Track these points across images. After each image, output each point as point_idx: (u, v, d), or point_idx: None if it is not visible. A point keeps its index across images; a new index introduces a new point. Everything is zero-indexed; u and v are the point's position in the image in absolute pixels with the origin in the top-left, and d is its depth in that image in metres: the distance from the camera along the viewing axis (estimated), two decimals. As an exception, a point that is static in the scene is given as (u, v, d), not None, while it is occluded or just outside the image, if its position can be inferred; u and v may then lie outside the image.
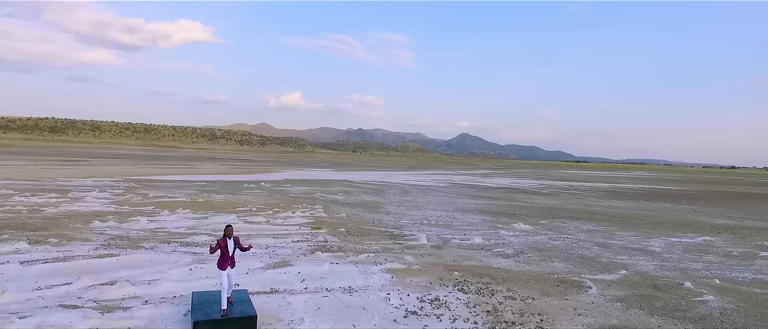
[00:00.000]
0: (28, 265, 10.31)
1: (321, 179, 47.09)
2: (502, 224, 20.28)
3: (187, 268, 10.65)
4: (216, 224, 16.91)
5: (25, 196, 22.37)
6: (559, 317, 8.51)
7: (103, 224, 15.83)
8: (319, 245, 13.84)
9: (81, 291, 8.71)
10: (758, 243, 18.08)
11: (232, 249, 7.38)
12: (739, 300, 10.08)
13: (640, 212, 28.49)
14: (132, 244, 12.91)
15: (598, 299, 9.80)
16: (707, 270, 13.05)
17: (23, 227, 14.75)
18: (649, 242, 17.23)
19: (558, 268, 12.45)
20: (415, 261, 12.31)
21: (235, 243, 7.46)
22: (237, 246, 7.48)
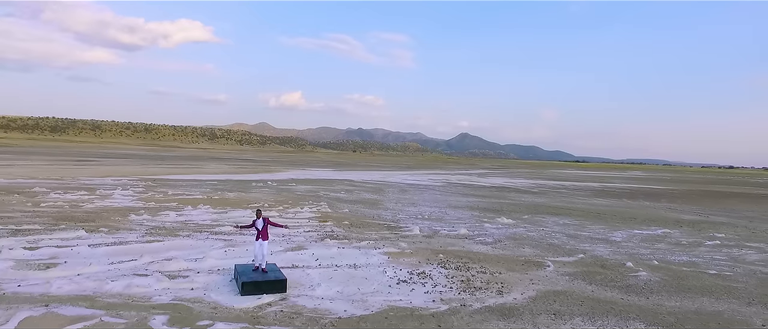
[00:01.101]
0: (94, 247, 12.80)
1: (323, 179, 49.57)
2: (487, 219, 22.78)
3: (222, 250, 13.15)
4: (236, 217, 19.40)
5: (58, 193, 24.84)
6: (516, 285, 11.01)
7: (138, 217, 18.31)
8: (327, 234, 16.34)
9: (146, 265, 11.20)
10: (709, 235, 20.60)
11: (261, 226, 9.95)
12: (664, 275, 12.58)
13: (617, 209, 30.99)
14: (170, 233, 15.41)
15: (552, 274, 12.30)
16: (652, 254, 15.56)
17: (72, 219, 17.23)
18: (613, 234, 19.75)
19: (527, 253, 14.95)
20: (407, 247, 14.81)
21: (265, 222, 10.05)
22: (266, 224, 10.07)
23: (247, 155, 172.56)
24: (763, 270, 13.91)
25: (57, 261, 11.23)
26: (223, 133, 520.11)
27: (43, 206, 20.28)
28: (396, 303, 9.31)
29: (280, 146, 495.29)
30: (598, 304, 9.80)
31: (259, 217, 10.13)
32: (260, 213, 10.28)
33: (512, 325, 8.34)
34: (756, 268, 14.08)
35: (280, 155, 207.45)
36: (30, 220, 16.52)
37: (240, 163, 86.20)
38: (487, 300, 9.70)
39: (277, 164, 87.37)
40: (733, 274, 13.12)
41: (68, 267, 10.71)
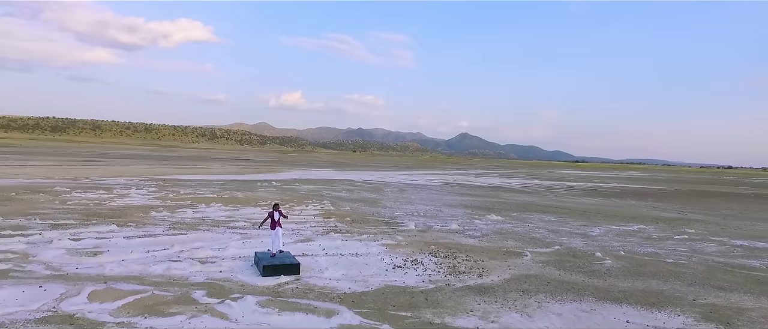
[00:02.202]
0: (129, 239, 14.64)
1: (325, 179, 51.42)
2: (478, 216, 24.63)
3: (240, 241, 15.00)
4: (247, 214, 21.24)
5: (79, 192, 26.68)
6: (495, 270, 12.85)
7: (159, 214, 20.15)
8: (331, 229, 18.19)
9: (177, 253, 13.04)
10: (681, 230, 22.45)
11: (277, 218, 11.90)
12: (626, 263, 14.43)
13: (603, 208, 32.85)
14: (191, 227, 17.25)
15: (528, 262, 14.14)
16: (622, 246, 17.41)
17: (100, 215, 19.07)
18: (592, 229, 21.61)
19: (509, 245, 16.79)
20: (403, 239, 16.66)
21: (280, 214, 11.99)
22: (281, 215, 12.03)
23: (248, 155, 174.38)
24: (715, 259, 15.77)
25: (101, 249, 13.07)
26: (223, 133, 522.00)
27: (70, 203, 22.12)
28: (391, 283, 11.15)
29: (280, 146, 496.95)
30: (561, 284, 11.65)
31: (276, 209, 12.03)
32: (277, 206, 12.19)
33: (486, 299, 10.18)
34: (710, 258, 15.93)
35: (280, 155, 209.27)
36: (63, 216, 18.35)
37: (242, 163, 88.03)
38: (468, 281, 11.55)
39: (278, 165, 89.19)
40: (687, 262, 14.98)
41: (112, 254, 12.55)
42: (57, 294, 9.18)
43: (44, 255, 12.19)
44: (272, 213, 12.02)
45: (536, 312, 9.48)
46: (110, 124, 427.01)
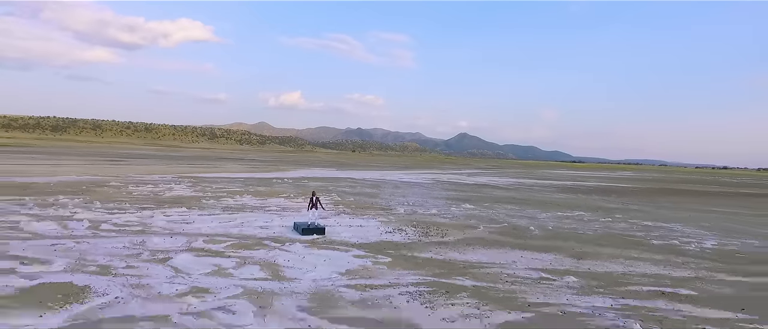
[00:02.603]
0: (201, 216, 20.97)
1: (329, 177, 57.77)
2: (455, 205, 31.01)
3: (278, 217, 21.36)
4: (275, 203, 27.57)
5: (133, 186, 32.96)
6: (454, 235, 19.20)
7: (208, 202, 26.45)
8: (341, 211, 24.57)
9: (240, 224, 19.37)
10: (611, 216, 28.84)
11: (315, 201, 18.21)
12: (548, 233, 20.80)
13: (563, 201, 39.23)
14: (239, 210, 23.58)
15: (479, 232, 20.50)
16: (554, 225, 23.78)
17: (166, 202, 25.35)
18: (540, 215, 27.99)
19: (471, 223, 23.16)
20: (394, 218, 23.02)
21: (318, 200, 18.32)
22: (318, 200, 18.35)
23: (251, 155, 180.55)
24: (615, 232, 22.15)
25: (189, 221, 19.41)
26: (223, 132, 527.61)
27: (135, 194, 28.42)
28: (384, 239, 17.51)
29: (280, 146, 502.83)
30: (494, 242, 18.02)
31: (314, 195, 18.37)
32: (315, 193, 18.58)
33: (442, 247, 16.54)
34: (612, 231, 22.33)
35: (282, 155, 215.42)
36: (140, 203, 24.65)
37: (249, 163, 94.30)
38: (433, 240, 17.92)
39: (283, 164, 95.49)
40: (593, 233, 21.38)
41: (199, 224, 18.89)
42: (184, 240, 15.51)
43: (155, 223, 18.53)
44: (312, 198, 18.33)
45: (469, 253, 15.86)
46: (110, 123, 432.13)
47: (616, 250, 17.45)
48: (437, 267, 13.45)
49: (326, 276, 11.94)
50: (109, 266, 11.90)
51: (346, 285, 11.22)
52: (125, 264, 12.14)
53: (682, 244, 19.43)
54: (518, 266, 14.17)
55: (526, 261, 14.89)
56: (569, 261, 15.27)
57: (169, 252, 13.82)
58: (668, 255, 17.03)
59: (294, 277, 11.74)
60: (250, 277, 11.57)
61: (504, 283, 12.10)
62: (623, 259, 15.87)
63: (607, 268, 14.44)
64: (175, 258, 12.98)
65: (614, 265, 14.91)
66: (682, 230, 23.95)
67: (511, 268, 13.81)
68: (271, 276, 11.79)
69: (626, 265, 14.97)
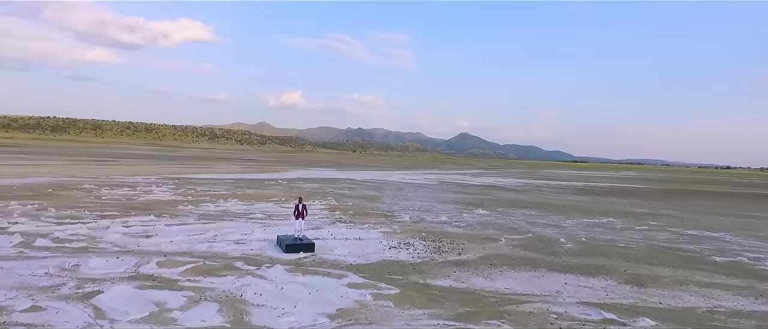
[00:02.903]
0: (169, 227, 17.54)
1: (327, 178, 54.32)
2: (466, 211, 27.55)
3: (261, 228, 17.91)
4: (262, 208, 24.14)
5: (107, 189, 29.55)
6: (472, 250, 15.76)
7: (185, 208, 23.03)
8: (337, 219, 21.12)
9: (213, 237, 15.94)
10: (645, 223, 25.39)
11: (300, 209, 14.71)
12: (583, 246, 17.35)
13: (583, 204, 35.76)
14: (217, 218, 20.15)
15: (501, 245, 17.06)
16: (585, 234, 20.33)
17: (136, 208, 21.94)
18: (565, 221, 24.53)
19: (489, 233, 19.70)
20: (398, 228, 19.58)
21: (303, 207, 14.81)
22: (304, 208, 14.85)
23: (250, 155, 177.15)
24: (660, 244, 18.71)
25: (150, 234, 15.98)
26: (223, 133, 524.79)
27: (104, 199, 25.01)
28: (388, 258, 14.07)
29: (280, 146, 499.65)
30: (523, 260, 14.57)
31: (300, 202, 14.91)
32: (301, 199, 15.10)
33: (461, 269, 13.09)
34: (656, 243, 18.87)
35: (281, 155, 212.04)
36: (105, 209, 21.24)
37: (246, 163, 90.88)
38: (449, 257, 14.47)
39: (281, 164, 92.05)
40: (635, 246, 17.91)
41: (161, 237, 15.46)
42: (132, 262, 12.08)
43: (107, 237, 15.10)
44: (298, 205, 14.86)
45: (498, 277, 12.41)
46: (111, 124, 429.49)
47: (677, 272, 13.98)
48: (460, 303, 10.01)
49: (309, 323, 8.50)
50: (3, 308, 8.47)
51: (335, 339, 7.79)
52: (30, 304, 8.72)
53: (752, 262, 15.95)
54: (566, 298, 10.71)
55: (574, 290, 11.43)
56: (628, 289, 11.81)
57: (104, 281, 10.39)
58: (746, 278, 13.56)
59: (262, 325, 8.30)
60: (200, 325, 8.14)
61: (557, 331, 8.65)
62: (694, 286, 12.40)
63: (683, 302, 10.97)
64: (106, 293, 9.55)
65: (689, 296, 11.44)
66: (738, 241, 20.46)
67: (557, 303, 10.35)
68: (230, 321, 8.36)
69: (704, 297, 11.50)
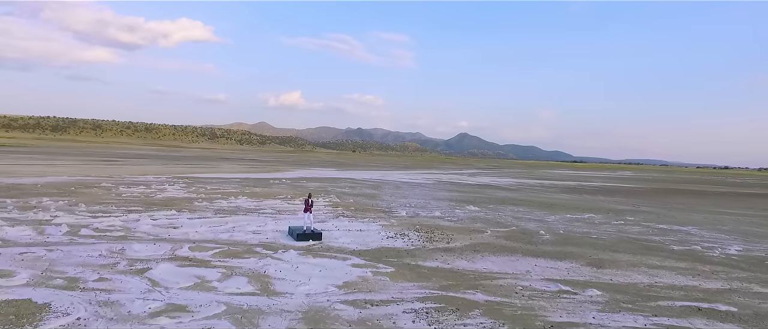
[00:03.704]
0: (191, 220, 19.69)
1: (329, 177, 56.48)
2: (459, 207, 29.72)
3: (273, 221, 20.08)
4: (271, 205, 26.29)
5: (124, 187, 31.69)
6: (460, 240, 17.92)
7: (201, 204, 25.17)
8: (339, 214, 23.29)
9: (231, 228, 18.09)
10: (622, 218, 27.57)
11: (309, 204, 16.90)
12: (559, 237, 19.52)
13: (570, 202, 37.95)
14: (232, 212, 22.30)
15: (486, 236, 19.22)
16: (564, 228, 22.49)
17: (156, 204, 24.08)
18: (549, 217, 26.71)
19: (477, 226, 21.87)
20: (396, 222, 21.74)
21: (311, 202, 17.01)
22: (312, 202, 17.04)
23: (251, 155, 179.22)
24: (630, 236, 20.88)
25: (176, 225, 18.13)
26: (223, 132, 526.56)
27: (125, 196, 27.15)
28: (385, 245, 16.23)
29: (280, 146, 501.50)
30: (503, 248, 16.75)
31: (309, 197, 17.09)
32: (310, 195, 17.29)
33: (448, 254, 15.26)
34: (626, 235, 21.05)
35: (282, 155, 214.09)
36: (129, 205, 23.38)
37: (249, 163, 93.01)
38: (438, 245, 16.64)
39: (283, 164, 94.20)
40: (606, 238, 20.09)
41: (186, 228, 17.62)
42: (168, 247, 14.24)
43: (140, 228, 17.26)
44: (307, 200, 17.04)
45: (478, 261, 14.58)
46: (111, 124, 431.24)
47: (635, 257, 16.17)
48: (444, 279, 12.18)
49: (321, 290, 10.68)
50: (78, 279, 10.64)
51: (343, 301, 9.95)
52: (97, 276, 10.88)
53: (704, 250, 18.14)
54: (533, 276, 12.89)
55: (541, 270, 13.61)
56: (588, 270, 13.99)
57: (149, 261, 12.55)
58: (693, 262, 15.75)
59: (285, 291, 10.48)
60: (236, 291, 10.31)
61: (520, 298, 10.83)
62: (645, 268, 14.59)
63: (630, 278, 13.16)
64: (155, 269, 11.71)
65: (637, 275, 13.63)
66: (700, 234, 22.67)
67: (525, 279, 12.53)
68: (259, 290, 10.53)
69: (650, 275, 13.69)
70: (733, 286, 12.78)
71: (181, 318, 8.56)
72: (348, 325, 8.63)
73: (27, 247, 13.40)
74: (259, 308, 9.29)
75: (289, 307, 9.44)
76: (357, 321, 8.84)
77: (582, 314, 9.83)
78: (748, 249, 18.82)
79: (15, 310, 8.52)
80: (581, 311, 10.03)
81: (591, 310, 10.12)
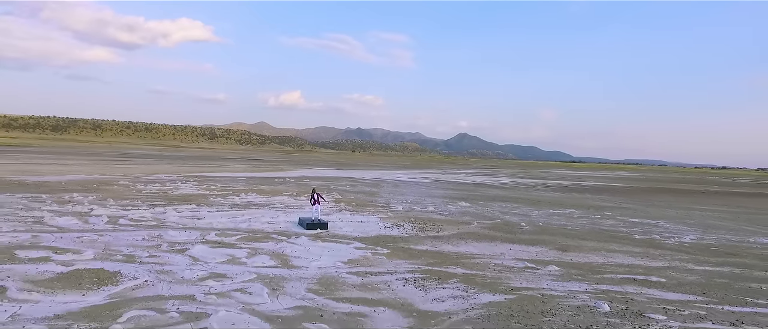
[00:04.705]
0: (211, 212, 22.20)
1: (330, 176, 59.00)
2: (452, 203, 32.25)
3: (283, 214, 22.59)
4: (279, 200, 28.80)
5: (141, 185, 34.18)
6: (449, 229, 20.44)
7: (215, 199, 27.67)
8: (342, 209, 25.81)
9: (248, 219, 20.60)
10: (601, 214, 30.09)
11: (316, 197, 19.44)
12: (537, 228, 22.03)
13: (556, 199, 40.47)
14: (245, 207, 24.81)
15: (473, 227, 21.73)
16: (544, 221, 25.01)
17: (175, 199, 26.57)
18: (533, 212, 29.23)
19: (466, 219, 24.39)
20: (393, 215, 24.26)
21: (319, 195, 19.56)
22: (319, 196, 19.58)
23: (253, 154, 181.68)
24: (601, 228, 23.40)
25: (199, 217, 20.63)
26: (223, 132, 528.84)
27: (145, 192, 29.64)
28: (383, 234, 18.74)
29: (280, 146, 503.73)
30: (485, 236, 19.26)
31: (314, 192, 19.63)
32: (315, 190, 19.82)
33: (437, 240, 17.77)
34: (598, 227, 23.57)
35: (283, 154, 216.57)
36: (151, 200, 25.87)
37: (252, 163, 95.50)
38: (429, 234, 19.16)
39: (284, 164, 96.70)
40: (579, 229, 22.61)
41: (209, 219, 20.12)
42: (197, 234, 16.74)
43: (168, 219, 19.76)
44: (313, 195, 19.58)
45: (462, 245, 17.10)
46: (110, 123, 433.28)
47: (598, 244, 18.70)
48: (431, 258, 14.70)
49: (330, 265, 13.19)
50: (133, 255, 13.14)
51: (348, 272, 12.46)
52: (148, 254, 13.38)
53: (662, 239, 20.68)
54: (506, 257, 15.41)
55: (514, 253, 16.13)
56: (554, 253, 16.51)
57: (185, 243, 15.06)
58: (647, 248, 18.28)
59: (301, 265, 12.99)
60: (262, 265, 12.81)
61: (491, 271, 13.34)
62: (604, 251, 17.12)
63: (588, 259, 15.68)
64: (192, 249, 14.22)
65: (595, 256, 16.15)
66: (666, 226, 25.20)
67: (499, 259, 15.05)
68: (280, 264, 13.04)
69: (606, 257, 16.22)
70: (672, 265, 15.31)
71: (223, 282, 11.06)
72: (352, 287, 11.15)
73: (80, 233, 15.90)
74: (283, 276, 11.80)
75: (306, 275, 11.96)
76: (359, 285, 11.35)
77: (538, 282, 12.35)
78: (702, 238, 21.36)
79: (96, 275, 11.03)
80: (538, 280, 12.55)
81: (546, 280, 12.64)
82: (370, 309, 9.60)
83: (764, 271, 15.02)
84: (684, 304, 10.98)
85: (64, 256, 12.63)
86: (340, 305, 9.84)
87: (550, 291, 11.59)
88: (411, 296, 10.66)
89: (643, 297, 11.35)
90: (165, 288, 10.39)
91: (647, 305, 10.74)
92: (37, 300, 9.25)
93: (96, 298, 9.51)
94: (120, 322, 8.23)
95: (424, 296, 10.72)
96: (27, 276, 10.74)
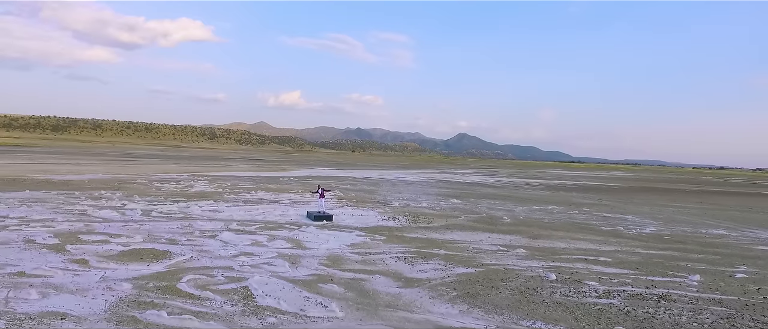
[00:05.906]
0: (228, 207, 25.07)
1: (331, 176, 61.87)
2: (444, 200, 35.15)
3: (292, 208, 25.48)
4: (287, 197, 31.68)
5: (159, 183, 37.04)
6: (438, 221, 23.33)
7: (229, 196, 30.53)
8: (344, 204, 28.71)
9: (262, 212, 23.48)
10: (579, 209, 32.99)
11: (321, 192, 22.37)
12: (517, 221, 24.93)
13: (543, 197, 43.39)
14: (257, 202, 27.68)
15: (459, 220, 24.62)
16: (525, 215, 27.90)
17: (194, 196, 29.42)
18: (517, 208, 32.13)
19: (454, 214, 27.27)
20: (390, 210, 27.15)
21: (322, 190, 22.49)
22: (324, 190, 22.52)
23: (254, 155, 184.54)
24: (574, 221, 26.30)
25: (219, 211, 23.51)
26: (223, 132, 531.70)
27: (163, 190, 32.49)
28: (380, 225, 21.63)
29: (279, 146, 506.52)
30: (469, 227, 22.15)
31: (319, 187, 22.56)
32: (320, 186, 22.77)
33: (426, 230, 20.65)
34: (572, 221, 26.47)
35: (283, 154, 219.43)
36: (172, 197, 28.72)
37: (254, 162, 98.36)
38: (421, 225, 22.06)
39: (286, 164, 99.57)
40: (555, 222, 25.51)
41: (229, 212, 23.00)
42: (221, 224, 19.61)
43: (193, 212, 22.62)
44: (319, 189, 22.50)
45: (447, 234, 19.99)
46: (111, 123, 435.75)
47: (567, 233, 21.60)
48: (420, 243, 17.58)
49: (336, 247, 16.08)
50: (174, 239, 16.02)
51: (351, 252, 15.35)
52: (186, 238, 16.26)
53: (625, 230, 23.59)
54: (483, 243, 18.30)
55: (491, 240, 19.02)
56: (525, 240, 19.41)
57: (214, 231, 17.93)
58: (608, 237, 21.18)
59: (312, 247, 15.88)
60: (281, 247, 15.70)
61: (468, 253, 16.24)
62: (569, 239, 20.01)
63: (553, 245, 18.58)
64: (221, 235, 17.09)
65: (559, 243, 19.05)
66: (634, 220, 28.12)
67: (477, 244, 17.95)
68: (295, 246, 15.92)
69: (569, 243, 19.11)
70: (622, 249, 18.22)
71: (252, 258, 13.94)
72: (355, 262, 14.03)
73: (123, 223, 18.78)
74: (298, 255, 14.68)
75: (317, 254, 14.85)
76: (360, 261, 14.23)
77: (505, 260, 15.24)
78: (661, 230, 24.27)
79: (151, 253, 13.90)
80: (505, 259, 15.45)
81: (513, 259, 15.54)
82: (369, 276, 12.50)
83: (699, 254, 17.94)
84: (616, 275, 13.87)
85: (120, 240, 15.50)
86: (345, 273, 12.72)
87: (513, 266, 14.48)
88: (401, 268, 13.56)
89: (586, 271, 14.25)
90: (208, 261, 13.27)
91: (587, 275, 13.64)
92: (115, 268, 12.13)
93: (158, 267, 12.38)
94: (183, 281, 11.12)
95: (411, 268, 13.61)
96: (98, 252, 13.62)
